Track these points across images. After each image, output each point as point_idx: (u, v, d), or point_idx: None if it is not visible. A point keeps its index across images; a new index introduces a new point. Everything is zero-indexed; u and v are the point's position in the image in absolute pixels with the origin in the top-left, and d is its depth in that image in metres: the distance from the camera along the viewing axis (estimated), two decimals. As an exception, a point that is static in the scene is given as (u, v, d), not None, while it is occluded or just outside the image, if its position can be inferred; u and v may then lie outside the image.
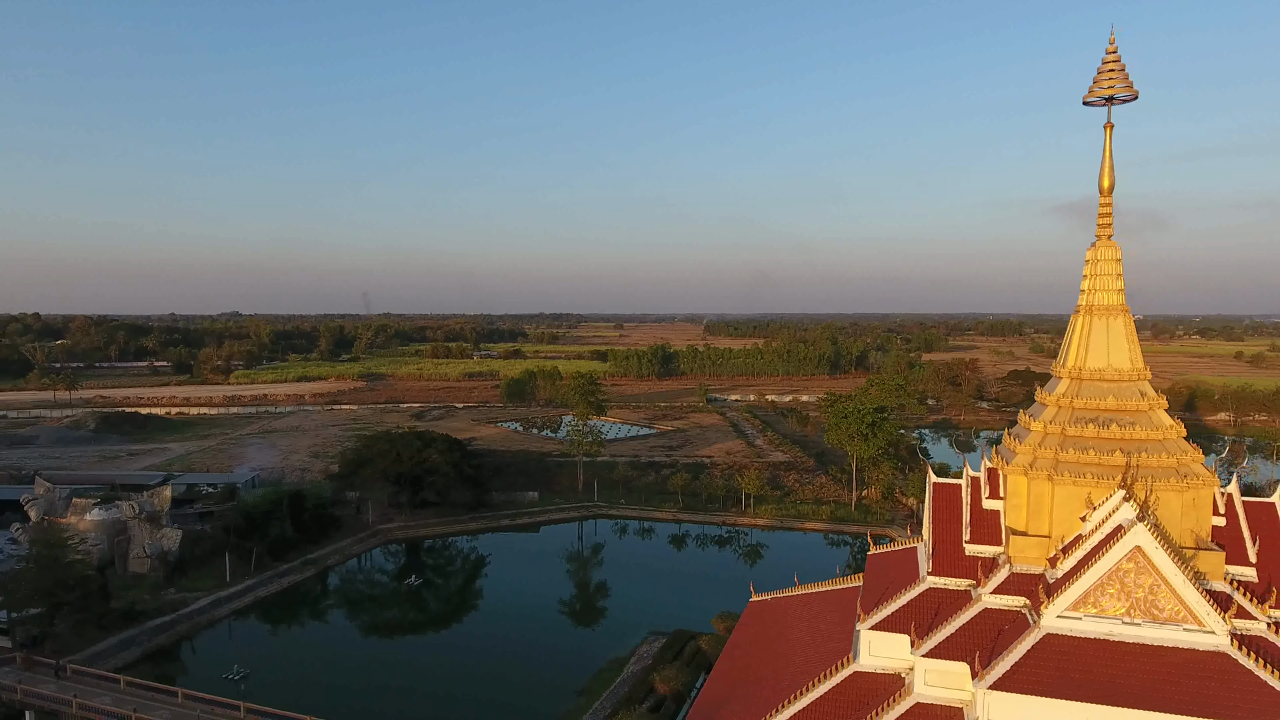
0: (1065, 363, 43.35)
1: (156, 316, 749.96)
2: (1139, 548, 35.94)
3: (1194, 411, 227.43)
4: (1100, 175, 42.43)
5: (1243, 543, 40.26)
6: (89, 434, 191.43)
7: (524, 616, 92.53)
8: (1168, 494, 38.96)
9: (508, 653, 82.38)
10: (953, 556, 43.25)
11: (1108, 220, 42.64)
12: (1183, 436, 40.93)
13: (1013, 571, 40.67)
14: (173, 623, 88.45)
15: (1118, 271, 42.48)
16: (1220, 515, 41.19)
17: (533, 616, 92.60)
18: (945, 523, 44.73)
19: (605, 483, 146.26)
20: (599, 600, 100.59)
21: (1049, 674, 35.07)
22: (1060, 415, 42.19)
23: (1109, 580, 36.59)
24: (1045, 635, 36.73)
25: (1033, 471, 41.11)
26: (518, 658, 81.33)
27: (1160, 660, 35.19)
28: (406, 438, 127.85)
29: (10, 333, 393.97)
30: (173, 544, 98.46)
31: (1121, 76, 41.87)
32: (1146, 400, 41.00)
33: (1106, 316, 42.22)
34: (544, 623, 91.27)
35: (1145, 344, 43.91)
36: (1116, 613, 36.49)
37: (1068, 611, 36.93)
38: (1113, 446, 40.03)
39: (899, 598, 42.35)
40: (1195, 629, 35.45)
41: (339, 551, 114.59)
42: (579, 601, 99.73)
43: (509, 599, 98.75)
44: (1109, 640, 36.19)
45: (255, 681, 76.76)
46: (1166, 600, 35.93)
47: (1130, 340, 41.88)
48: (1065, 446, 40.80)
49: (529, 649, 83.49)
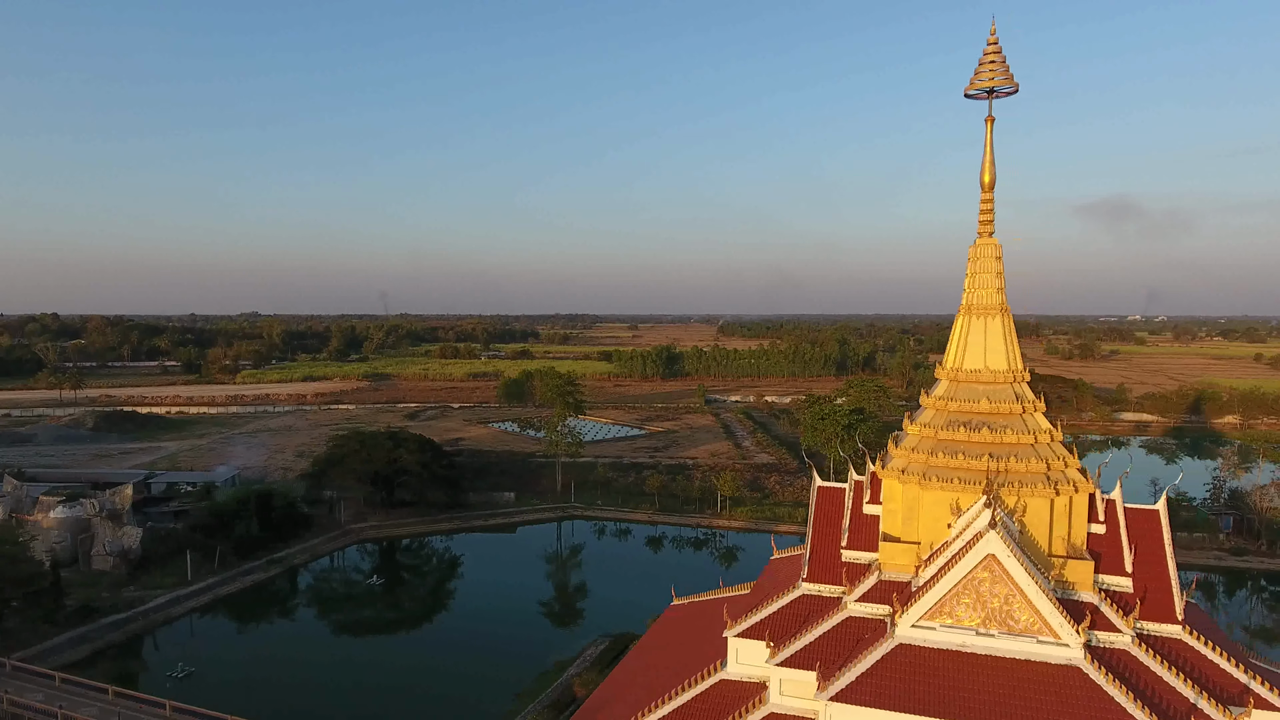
0: (945, 364, 42.02)
1: (177, 317, 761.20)
2: (992, 556, 34.66)
3: (1200, 414, 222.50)
4: (981, 170, 41.09)
5: (1120, 552, 38.73)
6: (87, 433, 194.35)
7: (487, 617, 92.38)
8: (1036, 500, 37.58)
9: (462, 653, 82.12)
10: (828, 563, 42.11)
11: (989, 217, 41.27)
12: (1060, 440, 39.48)
13: (881, 579, 39.48)
14: (128, 620, 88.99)
15: (998, 270, 41.12)
16: (1100, 523, 39.69)
17: (496, 617, 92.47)
18: (825, 528, 43.59)
19: (584, 484, 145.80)
20: (563, 602, 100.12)
21: (894, 686, 33.90)
22: (936, 418, 40.93)
23: (964, 589, 35.33)
24: (898, 645, 35.54)
25: (904, 476, 39.88)
26: (471, 658, 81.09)
27: (1011, 674, 33.89)
28: (378, 437, 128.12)
29: (28, 332, 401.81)
30: (133, 542, 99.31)
31: (1003, 69, 40.52)
32: (1021, 403, 39.60)
33: (985, 316, 40.87)
34: (505, 623, 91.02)
35: (1165, 345, 42.49)
36: (972, 623, 35.24)
37: (923, 621, 35.72)
38: (983, 451, 38.69)
39: (770, 604, 41.30)
40: (1050, 641, 34.11)
41: (307, 550, 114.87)
42: (543, 602, 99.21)
43: (475, 599, 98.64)
44: (962, 652, 34.94)
45: (199, 680, 77.06)
46: (1021, 611, 34.61)
47: (1008, 341, 40.48)
48: (937, 450, 39.54)
49: (484, 649, 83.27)
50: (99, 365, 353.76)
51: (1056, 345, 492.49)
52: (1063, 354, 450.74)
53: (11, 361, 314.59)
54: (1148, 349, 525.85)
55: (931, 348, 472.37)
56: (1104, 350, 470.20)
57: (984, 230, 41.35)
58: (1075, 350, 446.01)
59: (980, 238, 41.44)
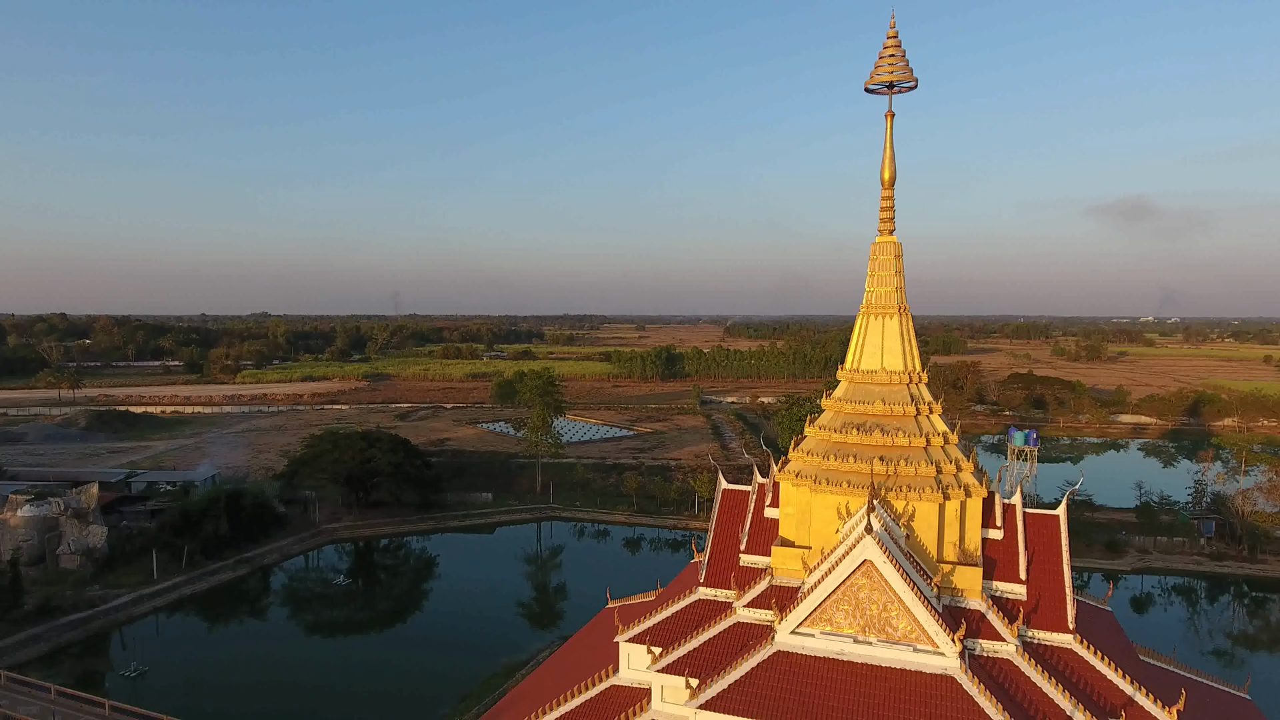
0: (845, 364, 41.10)
1: (188, 317, 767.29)
2: (869, 562, 33.74)
3: (1198, 417, 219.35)
4: (881, 167, 40.16)
5: (1017, 557, 37.70)
6: (78, 432, 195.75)
7: (455, 617, 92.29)
8: (925, 505, 36.61)
9: (422, 653, 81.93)
10: (726, 567, 41.29)
11: (889, 215, 40.33)
12: (955, 443, 38.49)
13: (773, 584, 38.62)
14: (88, 619, 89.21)
15: (897, 268, 40.16)
16: (999, 528, 38.68)
17: (464, 618, 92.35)
18: (727, 531, 42.77)
19: (564, 484, 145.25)
20: (533, 603, 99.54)
21: (765, 695, 33.06)
22: (833, 420, 40.03)
23: (843, 596, 34.43)
24: (775, 653, 34.69)
25: (798, 479, 39.01)
26: (431, 658, 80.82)
27: (886, 683, 32.97)
28: (351, 438, 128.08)
29: (36, 332, 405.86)
30: (98, 540, 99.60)
31: (902, 63, 39.59)
32: (916, 405, 38.62)
33: (883, 316, 39.91)
34: (472, 624, 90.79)
35: (1175, 347, 41.48)
36: (850, 630, 34.33)
37: (802, 628, 34.85)
38: (874, 454, 37.75)
39: (665, 609, 40.56)
40: (928, 650, 33.14)
41: (277, 550, 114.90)
42: (520, 603, 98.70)
43: (445, 600, 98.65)
44: (838, 660, 34.04)
45: (151, 679, 77.14)
46: (899, 619, 33.67)
47: (906, 341, 39.52)
48: (830, 453, 38.62)
49: (446, 650, 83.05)
50: (103, 365, 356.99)
51: (1064, 347, 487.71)
52: (1069, 356, 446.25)
53: (16, 361, 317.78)
54: (1156, 351, 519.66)
55: (936, 349, 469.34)
56: (1111, 352, 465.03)
57: (884, 228, 40.40)
58: (1082, 352, 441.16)
59: (880, 236, 40.49)
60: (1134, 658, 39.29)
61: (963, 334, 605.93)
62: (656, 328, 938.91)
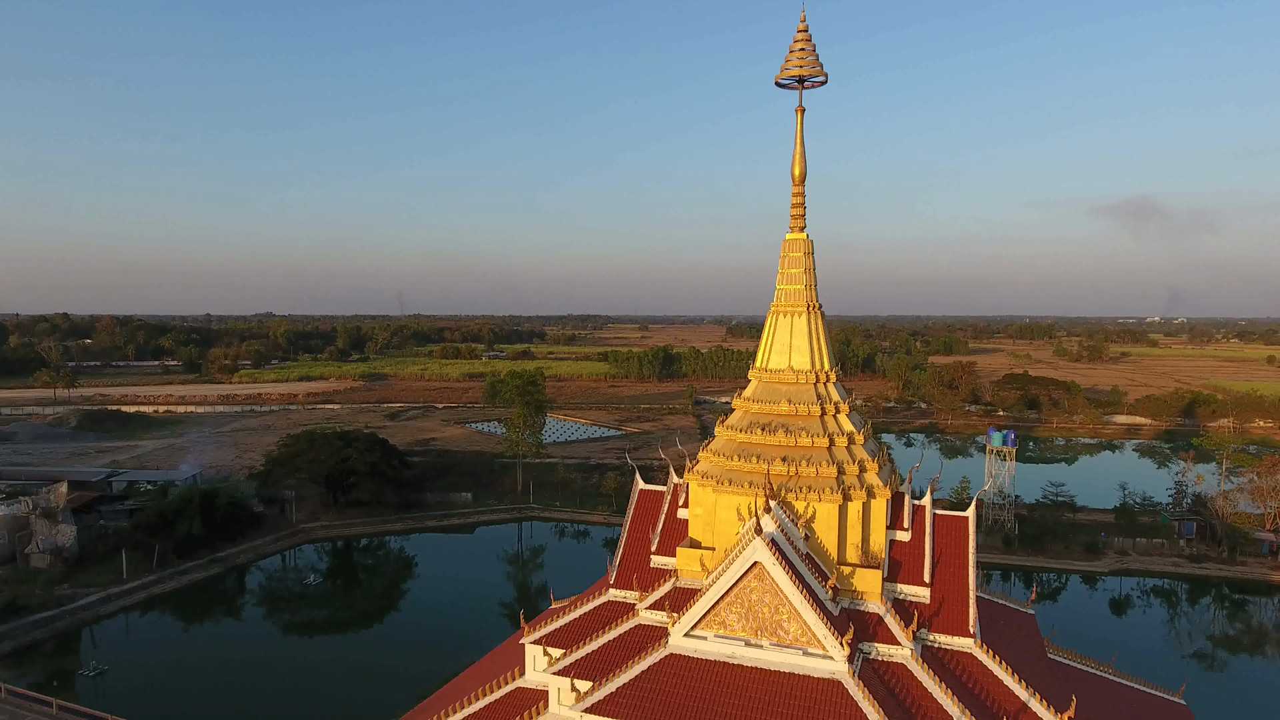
0: (755, 363, 40.53)
1: (192, 317, 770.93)
2: (760, 564, 33.20)
3: (1193, 418, 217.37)
4: (792, 162, 39.58)
5: (922, 560, 37.06)
6: (68, 431, 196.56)
7: (428, 617, 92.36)
8: (825, 506, 36.02)
9: (388, 654, 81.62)
10: (636, 568, 40.79)
11: (800, 211, 39.74)
12: (863, 444, 37.86)
13: (677, 585, 38.10)
14: (54, 618, 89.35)
15: (807, 265, 39.58)
16: (906, 530, 38.04)
17: (436, 617, 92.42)
18: (640, 532, 42.27)
19: (545, 484, 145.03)
20: (511, 603, 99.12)
21: (652, 698, 32.54)
22: (741, 420, 39.47)
23: (736, 598, 33.91)
24: (668, 655, 34.19)
25: (704, 479, 38.49)
26: (394, 659, 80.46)
27: (775, 686, 32.41)
28: (327, 438, 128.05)
29: (38, 332, 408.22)
30: (67, 540, 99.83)
31: (812, 57, 38.99)
32: (823, 405, 38.02)
33: (792, 314, 39.33)
34: (443, 624, 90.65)
35: (1178, 347, 40.65)
36: (743, 633, 33.80)
37: (696, 630, 34.34)
38: (778, 454, 37.20)
39: (573, 610, 40.10)
40: (818, 654, 32.58)
41: (252, 550, 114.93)
42: (486, 604, 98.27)
43: (419, 600, 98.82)
44: (730, 663, 33.51)
45: (111, 679, 77.21)
46: (791, 622, 33.13)
47: (815, 339, 38.92)
48: (736, 453, 38.07)
49: (411, 651, 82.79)
50: (103, 365, 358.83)
51: (1066, 347, 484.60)
52: (1071, 356, 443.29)
53: (15, 361, 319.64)
54: (1159, 351, 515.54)
55: (937, 349, 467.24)
56: (1113, 352, 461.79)
57: (795, 225, 39.81)
58: (1084, 352, 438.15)
59: (791, 232, 39.92)
60: (1042, 663, 38.57)
61: (966, 334, 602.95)
62: (660, 328, 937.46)
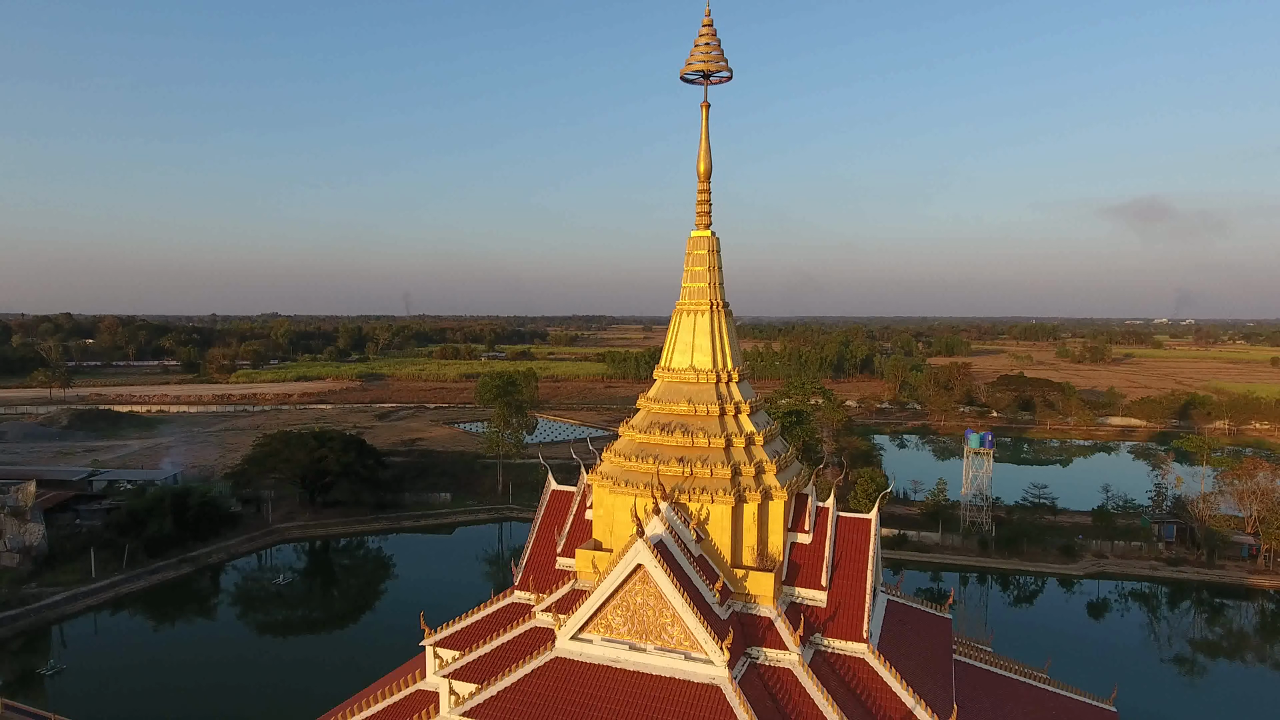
0: (660, 363, 39.97)
1: (198, 317, 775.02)
2: (643, 566, 32.62)
3: (1188, 420, 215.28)
4: (697, 159, 38.99)
5: (820, 563, 36.40)
6: (58, 430, 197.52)
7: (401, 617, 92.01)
8: (719, 508, 35.42)
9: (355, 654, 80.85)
10: (540, 570, 40.30)
11: (705, 208, 39.16)
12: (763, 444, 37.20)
13: (575, 588, 37.56)
14: (17, 617, 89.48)
15: (712, 263, 38.98)
16: (807, 532, 37.40)
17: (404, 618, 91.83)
18: (547, 533, 41.78)
19: (525, 485, 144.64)
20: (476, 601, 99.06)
21: (531, 703, 32.00)
22: (643, 420, 38.95)
23: (621, 601, 33.34)
24: (554, 659, 33.65)
25: (604, 480, 37.97)
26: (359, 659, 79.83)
27: (656, 692, 31.82)
28: (302, 438, 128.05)
29: (40, 332, 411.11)
30: (35, 538, 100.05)
31: (717, 52, 38.42)
32: (723, 404, 37.41)
33: (695, 313, 38.73)
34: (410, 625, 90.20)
35: (1183, 349, 39.87)
36: (628, 636, 33.23)
37: (582, 633, 33.78)
38: (675, 455, 36.62)
39: (478, 612, 39.66)
40: (700, 658, 31.96)
41: (224, 550, 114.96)
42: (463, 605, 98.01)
43: (393, 600, 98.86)
44: (614, 667, 32.93)
45: (68, 678, 77.22)
46: (674, 625, 32.53)
47: (718, 338, 38.31)
48: (635, 454, 37.53)
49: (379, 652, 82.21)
50: (104, 364, 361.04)
51: (1069, 349, 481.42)
52: (1073, 357, 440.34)
53: (16, 360, 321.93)
54: (1163, 353, 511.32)
55: (939, 350, 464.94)
56: (1117, 354, 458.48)
57: (700, 222, 39.22)
58: (1086, 354, 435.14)
59: (696, 230, 39.33)
60: (945, 669, 37.82)
61: (970, 336, 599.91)
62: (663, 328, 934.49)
